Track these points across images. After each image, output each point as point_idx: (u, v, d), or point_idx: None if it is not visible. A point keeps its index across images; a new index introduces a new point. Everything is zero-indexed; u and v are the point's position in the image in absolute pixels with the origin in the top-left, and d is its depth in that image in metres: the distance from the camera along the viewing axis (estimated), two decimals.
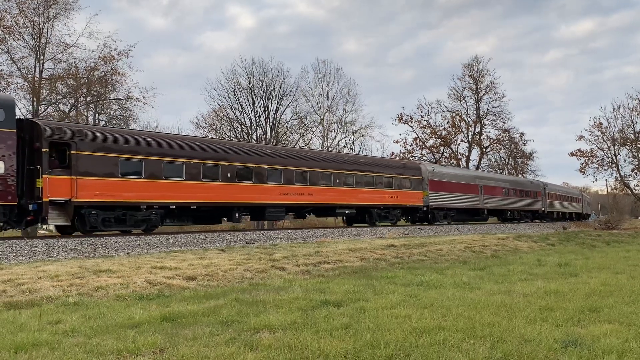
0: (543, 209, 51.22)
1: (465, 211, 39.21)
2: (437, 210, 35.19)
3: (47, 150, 18.03)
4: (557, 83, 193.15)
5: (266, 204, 24.42)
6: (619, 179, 62.03)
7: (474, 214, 40.59)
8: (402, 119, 62.36)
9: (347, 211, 29.11)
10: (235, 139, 48.21)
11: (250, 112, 54.17)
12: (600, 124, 60.73)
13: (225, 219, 25.47)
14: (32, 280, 10.48)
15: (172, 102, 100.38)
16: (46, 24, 34.93)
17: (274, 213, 24.95)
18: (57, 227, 20.70)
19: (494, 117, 65.48)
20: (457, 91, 65.45)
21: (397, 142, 66.52)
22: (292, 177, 25.68)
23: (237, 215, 23.69)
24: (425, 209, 33.93)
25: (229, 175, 22.87)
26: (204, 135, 47.90)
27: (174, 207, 21.28)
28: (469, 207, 39.14)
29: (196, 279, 11.71)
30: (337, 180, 27.97)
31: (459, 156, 64.76)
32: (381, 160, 36.30)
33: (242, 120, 54.40)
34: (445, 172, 37.81)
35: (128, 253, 15.82)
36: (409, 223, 35.14)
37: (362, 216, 30.38)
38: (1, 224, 17.80)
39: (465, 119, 65.07)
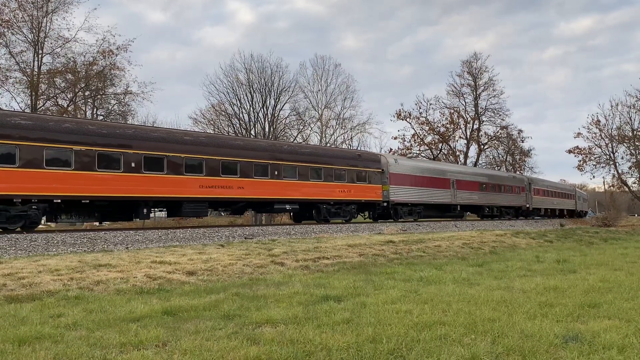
0: (527, 206, 48.30)
1: (435, 207, 36.20)
2: (400, 206, 32.30)
3: None
4: (556, 80, 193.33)
5: (183, 198, 21.50)
6: (617, 176, 62.19)
7: (445, 210, 37.54)
8: (400, 115, 62.44)
9: (287, 207, 26.13)
10: (233, 134, 48.15)
11: (248, 107, 54.10)
12: (598, 121, 60.87)
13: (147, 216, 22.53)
14: (32, 274, 10.49)
15: (170, 97, 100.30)
16: (45, 18, 34.87)
17: (193, 209, 22.08)
18: None
19: (493, 114, 65.56)
20: (455, 88, 65.54)
21: (395, 138, 66.71)
22: (218, 168, 22.67)
23: (144, 211, 21.01)
24: (385, 204, 30.96)
25: (133, 165, 19.97)
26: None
27: (59, 200, 18.47)
28: (439, 202, 36.01)
29: (196, 273, 11.73)
30: (276, 172, 24.93)
31: (457, 153, 64.83)
32: (330, 150, 32.45)
33: (241, 115, 54.35)
34: (409, 165, 34.61)
35: (127, 247, 15.84)
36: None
37: (310, 212, 27.69)
38: None
39: (464, 115, 65.19)
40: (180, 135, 22.82)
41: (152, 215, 23.85)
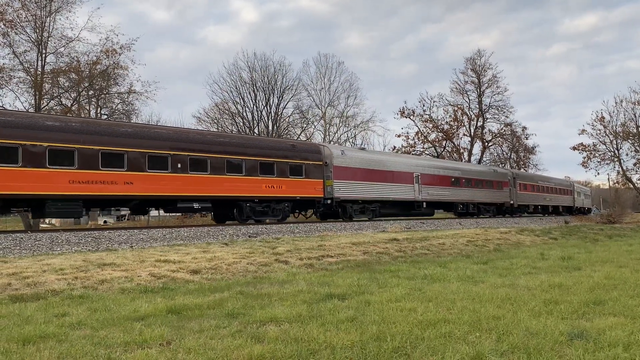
0: (511, 202, 44.84)
1: (396, 204, 32.76)
2: (348, 203, 28.89)
3: None
4: (560, 77, 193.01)
5: (46, 195, 18.08)
6: (621, 173, 62.10)
7: (409, 208, 33.87)
8: (404, 113, 62.39)
9: (196, 205, 22.34)
10: (237, 133, 48.16)
11: (252, 106, 54.25)
12: (603, 118, 60.78)
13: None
14: (36, 274, 10.51)
15: (174, 96, 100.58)
16: (48, 18, 34.92)
17: (60, 208, 18.62)
18: None
19: (496, 111, 65.54)
20: (459, 85, 65.50)
21: (399, 136, 66.61)
22: (96, 159, 19.18)
23: None
24: (329, 201, 27.64)
25: None
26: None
27: None
28: (399, 199, 32.47)
29: (200, 272, 11.73)
30: (179, 165, 21.48)
31: (461, 150, 64.74)
32: (255, 140, 28.04)
33: (244, 114, 54.45)
34: (359, 157, 30.62)
35: (132, 247, 15.86)
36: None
37: (232, 211, 24.58)
38: None
39: (468, 112, 65.12)
40: (40, 119, 19.38)
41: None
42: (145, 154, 20.50)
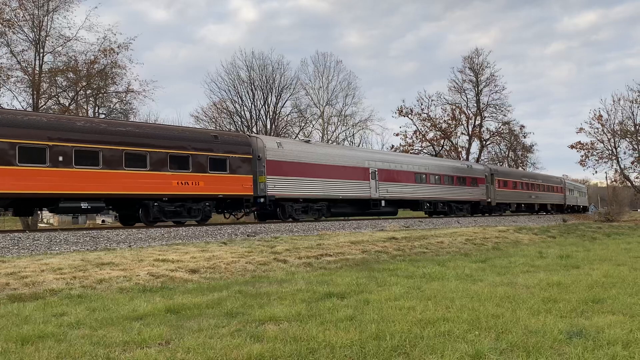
0: (488, 200, 41.52)
1: (348, 203, 29.75)
2: (288, 202, 25.89)
3: None
4: (559, 75, 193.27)
5: None
6: (619, 171, 62.02)
7: (365, 207, 30.74)
8: (402, 111, 62.42)
9: (84, 204, 19.08)
10: (234, 131, 48.16)
11: (250, 105, 54.21)
12: (601, 116, 60.66)
13: None
14: (35, 273, 10.49)
15: (173, 95, 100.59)
16: (46, 17, 34.88)
17: None
18: None
19: (494, 110, 65.63)
20: (457, 84, 65.54)
21: (397, 135, 66.56)
22: None
23: None
24: (262, 200, 24.66)
25: None
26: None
27: None
28: (352, 197, 29.33)
29: (199, 271, 11.72)
30: (61, 158, 18.34)
31: (459, 149, 64.78)
32: (164, 129, 23.41)
33: (242, 113, 54.43)
34: (301, 150, 27.22)
35: (130, 246, 15.85)
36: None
37: (139, 211, 21.21)
38: None
39: (466, 111, 65.17)
40: None
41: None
42: (16, 144, 17.45)
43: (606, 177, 68.80)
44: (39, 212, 22.34)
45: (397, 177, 32.76)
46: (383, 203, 31.36)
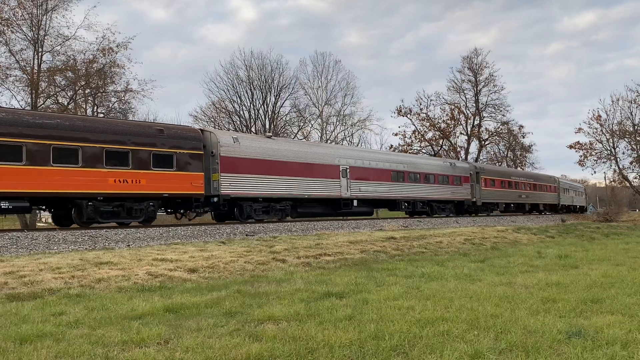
0: (473, 200, 39.24)
1: (317, 202, 27.84)
2: (246, 201, 23.93)
3: None
4: (559, 75, 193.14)
5: None
6: (618, 171, 62.07)
7: (336, 206, 28.91)
8: (401, 111, 62.34)
9: (4, 204, 17.35)
10: (234, 131, 48.15)
11: (249, 104, 54.15)
12: (599, 116, 60.75)
13: None
14: (33, 273, 10.48)
15: (173, 94, 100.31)
16: (44, 16, 34.78)
17: None
18: None
19: (493, 110, 65.54)
20: (456, 84, 65.46)
21: (396, 134, 66.53)
22: None
23: None
24: (215, 199, 22.74)
25: None
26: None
27: None
28: (321, 196, 27.37)
29: (197, 271, 11.72)
30: None
31: (458, 149, 64.79)
32: (99, 122, 21.16)
33: (241, 112, 54.39)
34: (261, 147, 25.14)
35: (128, 245, 15.83)
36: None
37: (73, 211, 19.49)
38: None
39: (464, 111, 65.11)
40: None
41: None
42: None
43: (605, 178, 68.67)
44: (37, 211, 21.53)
45: (372, 175, 30.83)
46: (355, 203, 29.45)
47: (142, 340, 6.01)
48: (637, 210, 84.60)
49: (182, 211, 22.92)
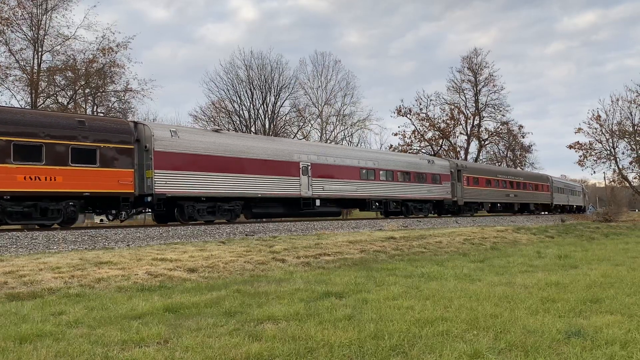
0: (454, 199, 37.10)
1: (273, 202, 25.82)
2: (187, 201, 21.97)
3: None
4: (559, 75, 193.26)
5: None
6: (617, 171, 62.08)
7: (295, 206, 26.84)
8: (400, 111, 62.33)
9: None
10: (234, 131, 48.15)
11: (249, 104, 54.17)
12: (599, 116, 60.76)
13: None
14: (33, 272, 10.48)
15: (173, 94, 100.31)
16: (44, 16, 34.76)
17: None
18: None
19: (493, 110, 65.58)
20: (456, 84, 65.48)
21: (395, 134, 66.53)
22: None
23: None
24: (149, 199, 20.69)
25: None
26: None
27: None
28: (276, 195, 25.27)
29: (197, 270, 11.72)
30: None
31: (458, 149, 64.79)
32: (8, 111, 18.70)
33: (241, 112, 54.39)
34: (204, 141, 22.98)
35: (128, 245, 15.83)
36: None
37: None
38: None
39: (464, 111, 65.14)
40: None
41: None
42: None
43: (604, 178, 68.61)
44: None
45: (337, 173, 28.68)
46: (318, 202, 27.39)
47: (142, 340, 6.02)
48: (637, 210, 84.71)
49: (114, 212, 20.86)
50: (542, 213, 50.99)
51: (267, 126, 53.38)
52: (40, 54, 34.99)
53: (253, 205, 24.85)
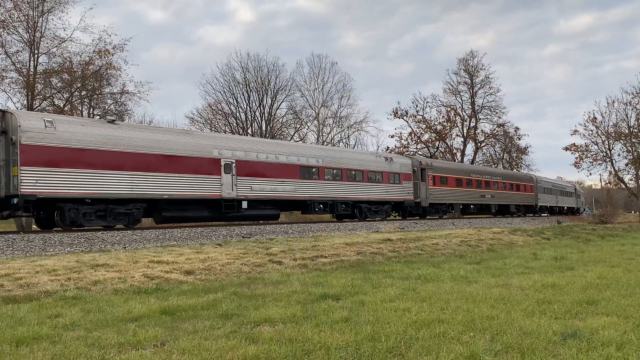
0: (417, 200, 33.97)
1: (187, 203, 22.30)
2: (67, 203, 18.87)
3: None
4: (556, 77, 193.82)
5: None
6: (613, 173, 62.17)
7: (216, 208, 23.22)
8: (397, 113, 62.47)
9: None
10: (230, 133, 48.11)
11: (245, 106, 54.17)
12: (595, 118, 60.81)
13: None
14: (29, 275, 10.45)
15: (170, 96, 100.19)
16: (40, 18, 34.75)
17: None
18: None
19: (489, 112, 65.77)
20: (452, 86, 65.65)
21: (392, 136, 66.65)
22: None
23: None
24: (15, 200, 17.66)
25: None
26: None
27: None
28: (191, 196, 22.01)
29: (194, 273, 11.70)
30: None
31: (455, 151, 64.91)
32: None
33: (238, 114, 54.39)
34: (92, 133, 19.71)
35: (125, 247, 15.81)
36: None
37: None
38: None
39: (461, 113, 65.29)
40: None
41: None
42: None
43: (600, 179, 68.66)
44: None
45: (270, 171, 25.35)
46: (245, 204, 24.14)
47: (139, 343, 6.01)
48: (633, 211, 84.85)
49: None
50: (529, 215, 48.98)
51: (263, 128, 53.38)
52: (36, 56, 34.99)
53: (163, 207, 21.64)
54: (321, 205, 28.15)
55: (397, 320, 6.84)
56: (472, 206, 40.99)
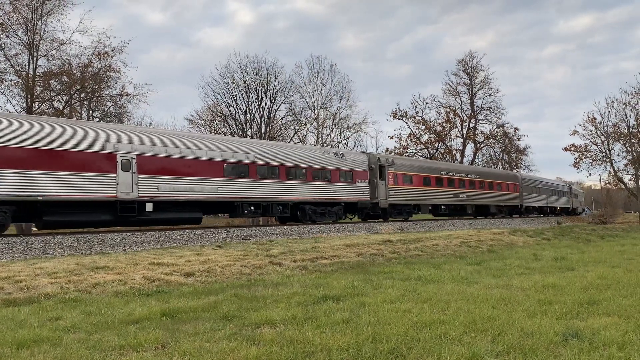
0: (375, 201, 30.63)
1: (82, 206, 19.17)
2: None
3: None
4: (555, 78, 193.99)
5: None
6: (613, 173, 62.13)
7: (111, 211, 19.86)
8: (396, 114, 62.43)
9: None
10: (229, 135, 48.09)
11: (244, 108, 54.10)
12: (594, 118, 60.76)
13: None
14: (29, 277, 10.45)
15: (169, 98, 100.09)
16: (40, 21, 34.70)
17: None
18: None
19: (488, 113, 65.71)
20: (451, 87, 65.62)
21: (391, 137, 66.63)
22: None
23: None
24: None
25: None
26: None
27: None
28: (67, 197, 18.60)
29: (194, 275, 11.70)
30: None
31: (454, 152, 64.91)
32: None
33: (237, 116, 54.34)
34: None
35: (125, 250, 15.80)
36: None
37: None
38: None
39: (460, 114, 65.26)
40: None
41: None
42: None
43: (600, 180, 68.63)
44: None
45: (184, 168, 22.01)
46: (150, 207, 20.85)
47: (140, 345, 6.00)
48: (632, 212, 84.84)
49: None
50: (515, 216, 46.45)
51: (263, 130, 53.35)
52: (35, 58, 34.93)
53: (44, 211, 18.51)
54: (252, 207, 24.66)
55: (398, 322, 6.83)
56: (442, 207, 37.46)
